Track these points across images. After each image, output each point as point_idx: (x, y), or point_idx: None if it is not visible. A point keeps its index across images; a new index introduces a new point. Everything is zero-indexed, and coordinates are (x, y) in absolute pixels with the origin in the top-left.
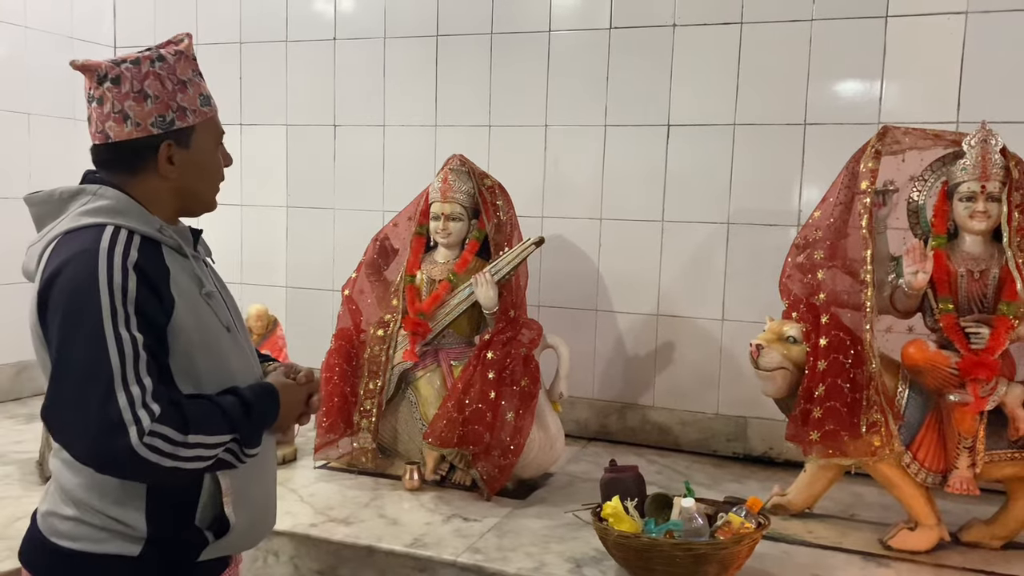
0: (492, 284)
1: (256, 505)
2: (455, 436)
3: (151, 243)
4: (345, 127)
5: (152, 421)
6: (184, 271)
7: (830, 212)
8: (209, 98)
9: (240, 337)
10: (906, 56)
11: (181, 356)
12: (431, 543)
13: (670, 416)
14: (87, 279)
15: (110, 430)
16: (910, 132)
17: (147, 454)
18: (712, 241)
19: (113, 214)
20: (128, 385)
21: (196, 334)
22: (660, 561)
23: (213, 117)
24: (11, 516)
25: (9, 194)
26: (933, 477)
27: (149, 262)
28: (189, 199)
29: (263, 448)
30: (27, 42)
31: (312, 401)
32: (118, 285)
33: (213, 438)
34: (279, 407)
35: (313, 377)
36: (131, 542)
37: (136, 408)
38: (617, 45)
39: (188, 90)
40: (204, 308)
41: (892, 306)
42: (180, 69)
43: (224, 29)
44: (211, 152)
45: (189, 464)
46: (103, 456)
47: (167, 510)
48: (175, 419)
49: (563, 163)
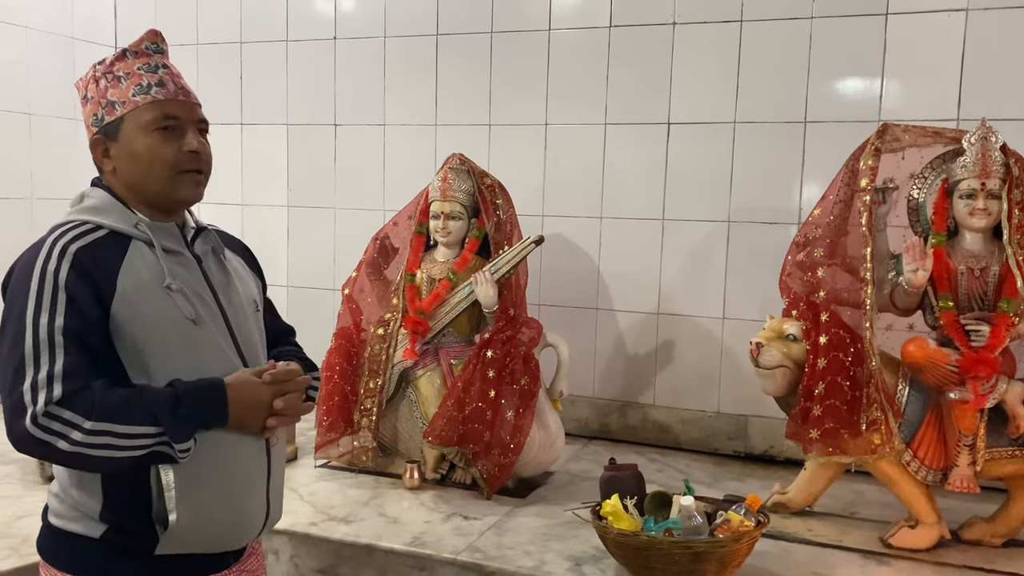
0: (492, 283)
1: (209, 503)
2: (455, 435)
3: (119, 237)
4: (345, 126)
5: (49, 403)
6: (148, 265)
7: (830, 210)
8: (149, 87)
9: (212, 331)
10: (906, 53)
11: (129, 345)
12: (431, 541)
13: (670, 414)
14: (28, 268)
15: (15, 412)
16: (910, 129)
17: (39, 434)
18: (712, 239)
19: (92, 212)
20: (38, 369)
21: (144, 324)
22: (659, 559)
23: (149, 104)
24: (12, 515)
25: (11, 195)
26: (933, 475)
27: (97, 252)
28: (141, 191)
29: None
30: (28, 43)
31: (277, 402)
32: (51, 271)
33: (127, 427)
34: (224, 404)
35: (288, 377)
36: (93, 524)
37: (37, 390)
38: (617, 43)
39: (121, 84)
40: (162, 301)
41: (892, 304)
42: (119, 66)
43: (224, 29)
44: (141, 140)
45: (98, 451)
46: (12, 436)
47: (120, 499)
48: (81, 403)
49: (563, 162)
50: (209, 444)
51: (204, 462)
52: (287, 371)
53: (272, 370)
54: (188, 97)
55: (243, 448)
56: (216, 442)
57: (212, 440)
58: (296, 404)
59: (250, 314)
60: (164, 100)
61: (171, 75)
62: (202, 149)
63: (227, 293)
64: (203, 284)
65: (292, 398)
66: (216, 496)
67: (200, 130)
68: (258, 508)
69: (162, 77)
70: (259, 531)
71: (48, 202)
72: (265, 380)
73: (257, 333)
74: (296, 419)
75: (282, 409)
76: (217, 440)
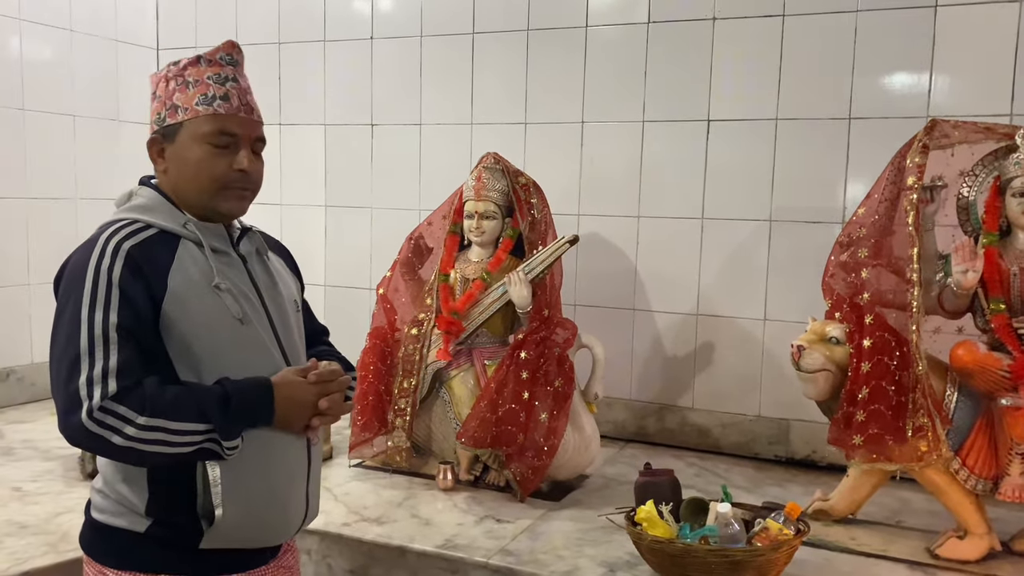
0: (526, 283)
1: (252, 503)
2: (488, 436)
3: (169, 236)
4: (382, 126)
5: (105, 398)
6: (197, 264)
7: (875, 209)
8: (214, 98)
9: (258, 331)
10: (957, 47)
11: (178, 343)
12: (463, 544)
13: (710, 418)
14: (81, 265)
15: (71, 406)
16: (960, 125)
17: (94, 428)
18: (753, 239)
19: (142, 211)
20: (93, 364)
21: (194, 322)
22: (695, 567)
23: (209, 116)
24: (52, 512)
25: (58, 195)
26: (983, 484)
27: (149, 251)
28: (184, 198)
29: (268, 445)
30: (72, 45)
31: (321, 403)
32: (105, 268)
33: (178, 424)
34: (271, 402)
35: (331, 377)
36: (138, 519)
37: (93, 385)
38: (655, 39)
39: (188, 90)
40: (211, 299)
41: (940, 306)
42: (191, 71)
43: (263, 30)
44: (194, 150)
45: (150, 447)
46: (66, 430)
47: (167, 494)
48: (134, 399)
49: (599, 160)
50: (254, 442)
51: (249, 460)
52: (330, 371)
53: (316, 370)
54: (250, 115)
55: (285, 447)
56: (261, 440)
57: (257, 438)
58: (339, 404)
59: (292, 314)
60: (224, 115)
61: (239, 89)
62: (251, 168)
63: (271, 293)
64: (248, 284)
65: (335, 398)
66: (260, 493)
67: (255, 149)
68: (298, 506)
69: (228, 91)
70: (298, 528)
71: (92, 202)
72: (310, 380)
73: (298, 333)
74: (337, 419)
75: (325, 409)
76: (261, 438)
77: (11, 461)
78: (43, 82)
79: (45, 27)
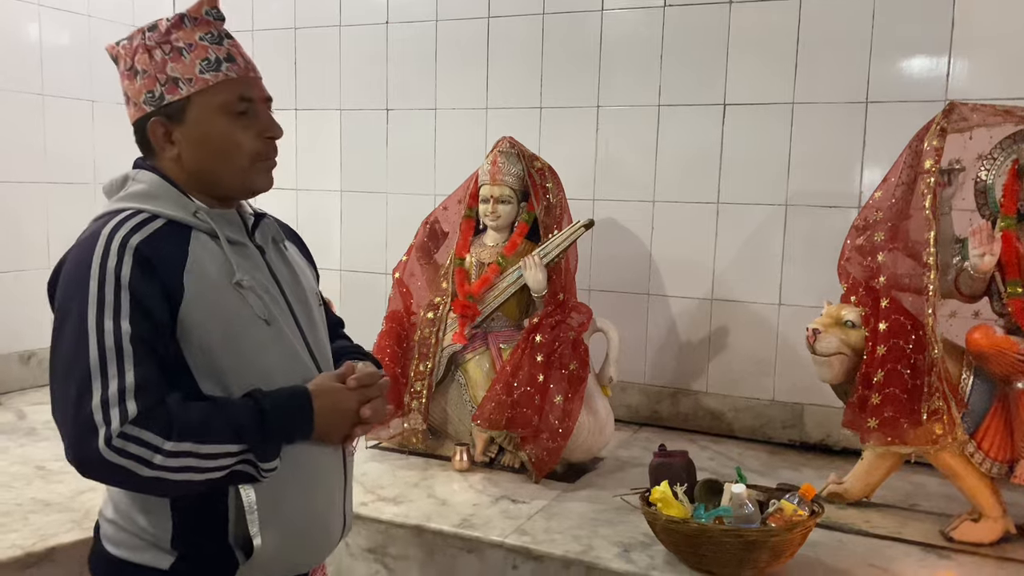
0: (541, 267)
1: (293, 526)
2: (503, 418)
3: (178, 227)
4: (397, 111)
5: (125, 423)
6: (214, 258)
7: (892, 192)
8: (219, 62)
9: (285, 332)
10: (976, 29)
11: (198, 351)
12: (479, 524)
13: (723, 402)
14: (82, 265)
15: (84, 432)
16: (978, 108)
17: (116, 459)
18: (769, 223)
19: (144, 198)
20: (106, 382)
21: (216, 327)
22: (710, 547)
23: (221, 83)
24: (76, 490)
25: (77, 180)
26: (999, 467)
27: (160, 245)
28: (208, 181)
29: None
30: (91, 31)
31: (364, 411)
32: (111, 269)
33: (209, 447)
34: (311, 414)
35: (371, 381)
36: (162, 554)
37: (109, 408)
38: (671, 23)
39: (184, 57)
40: (232, 298)
41: (957, 290)
42: (177, 35)
43: (279, 15)
44: (216, 124)
45: (178, 475)
46: (79, 460)
47: (194, 524)
48: (158, 422)
49: (615, 144)
50: (291, 458)
51: (287, 478)
52: (370, 374)
53: (354, 374)
54: (257, 73)
55: (323, 459)
56: (298, 455)
57: (294, 453)
58: (381, 410)
59: (315, 309)
60: (237, 79)
61: (237, 48)
62: (280, 134)
63: (293, 287)
64: (269, 278)
65: (378, 404)
66: (301, 514)
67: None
68: (336, 518)
69: (230, 50)
70: (336, 544)
71: None
72: (350, 386)
73: (323, 329)
74: (381, 424)
75: (368, 417)
76: (299, 453)
77: (34, 441)
78: (62, 68)
79: (64, 12)
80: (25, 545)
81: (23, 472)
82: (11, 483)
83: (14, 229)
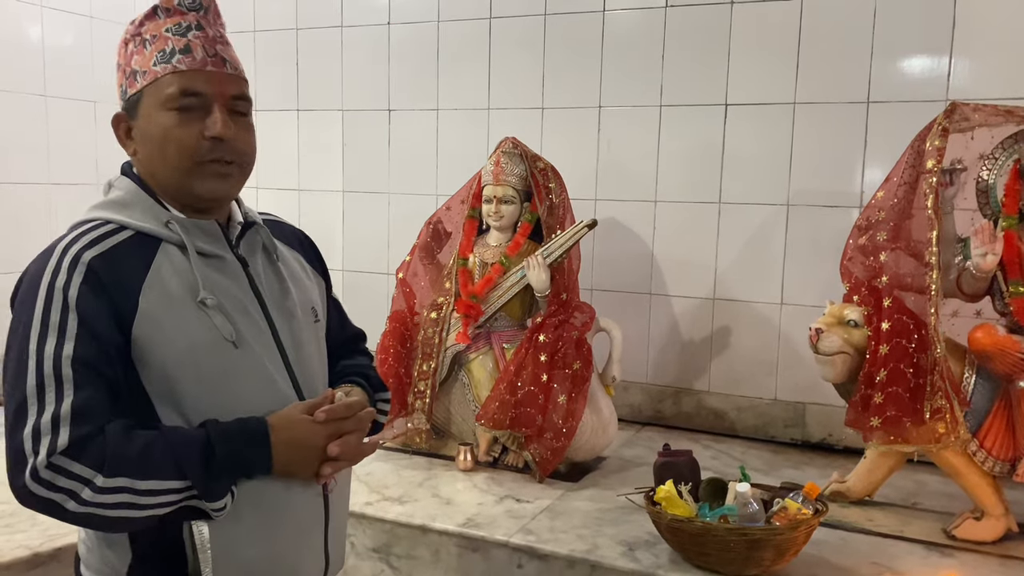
0: (544, 267)
1: (253, 565)
2: (507, 418)
3: (146, 239)
4: (399, 111)
5: (53, 454)
6: (180, 274)
7: (894, 192)
8: (172, 54)
9: (258, 355)
10: (977, 29)
11: (155, 376)
12: (484, 523)
13: (726, 401)
14: (34, 282)
15: (15, 463)
16: (980, 108)
17: (41, 491)
18: (771, 223)
19: (117, 208)
20: (41, 410)
21: (174, 348)
22: (714, 546)
23: (169, 75)
24: None
25: (80, 180)
26: (1001, 466)
27: (117, 261)
28: (159, 184)
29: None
30: (93, 31)
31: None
32: (60, 287)
33: (148, 483)
34: (266, 450)
35: (346, 413)
36: None
37: (40, 436)
38: (673, 24)
39: (146, 49)
40: (194, 318)
41: (959, 289)
42: (147, 26)
43: (281, 16)
44: (158, 120)
45: (112, 512)
46: (14, 492)
47: (152, 558)
48: (91, 453)
49: (617, 145)
50: (252, 492)
51: (246, 514)
52: (345, 406)
53: (327, 406)
54: (221, 67)
55: (292, 497)
56: (261, 490)
57: (256, 488)
58: (354, 448)
59: (306, 326)
60: (186, 71)
61: (204, 39)
62: (227, 132)
63: (279, 303)
64: (248, 294)
65: (350, 440)
66: (260, 553)
67: (235, 109)
68: (313, 560)
69: (190, 42)
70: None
71: None
72: (318, 419)
73: (316, 349)
74: (355, 463)
75: (337, 455)
76: (262, 488)
77: None
78: (64, 68)
79: (66, 14)
80: (32, 545)
81: None
82: None
83: (17, 230)
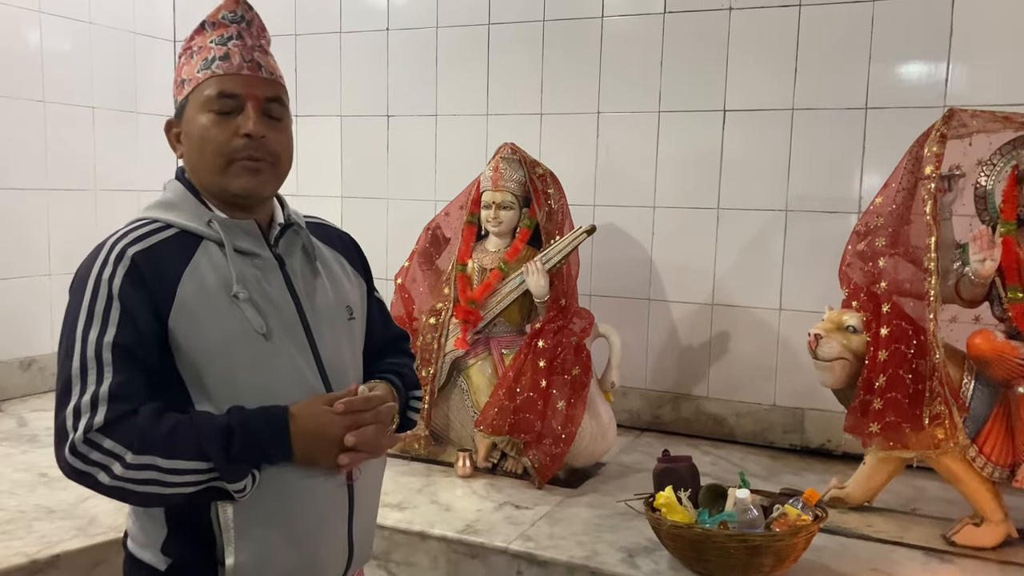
0: (543, 272)
1: (272, 547)
2: (506, 424)
3: (189, 238)
4: (398, 117)
5: (90, 431)
6: (217, 269)
7: (892, 198)
8: (212, 61)
9: (288, 348)
10: (974, 35)
11: (188, 364)
12: (483, 530)
13: (725, 407)
14: (84, 274)
15: (59, 437)
16: (978, 115)
17: (78, 464)
18: (769, 229)
19: (165, 208)
20: (83, 390)
21: (206, 338)
22: (714, 552)
23: (208, 80)
24: (80, 496)
25: (78, 186)
26: (1000, 471)
27: (159, 256)
28: (200, 182)
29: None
30: (91, 37)
31: (347, 438)
32: (106, 278)
33: (173, 462)
34: (286, 438)
35: (365, 406)
36: (159, 556)
37: (80, 415)
38: (671, 30)
39: (193, 59)
40: (227, 312)
41: (957, 295)
42: (197, 40)
43: (280, 21)
44: (196, 120)
45: (141, 487)
46: (58, 462)
47: (183, 533)
48: (124, 432)
49: (615, 150)
50: (275, 478)
51: (268, 499)
52: (364, 399)
53: (348, 397)
54: (256, 71)
55: (316, 484)
56: (282, 476)
57: (278, 474)
58: (372, 439)
59: (340, 324)
60: (223, 75)
61: (242, 47)
62: (258, 130)
63: (312, 300)
64: (283, 290)
65: (367, 432)
66: (280, 537)
67: (270, 113)
68: (336, 550)
69: (229, 49)
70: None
71: (110, 193)
72: (336, 410)
73: (348, 346)
74: (376, 455)
75: (353, 444)
76: (283, 474)
77: (36, 448)
78: (63, 74)
79: (64, 20)
80: (30, 553)
81: (26, 479)
82: (14, 490)
83: (15, 235)
